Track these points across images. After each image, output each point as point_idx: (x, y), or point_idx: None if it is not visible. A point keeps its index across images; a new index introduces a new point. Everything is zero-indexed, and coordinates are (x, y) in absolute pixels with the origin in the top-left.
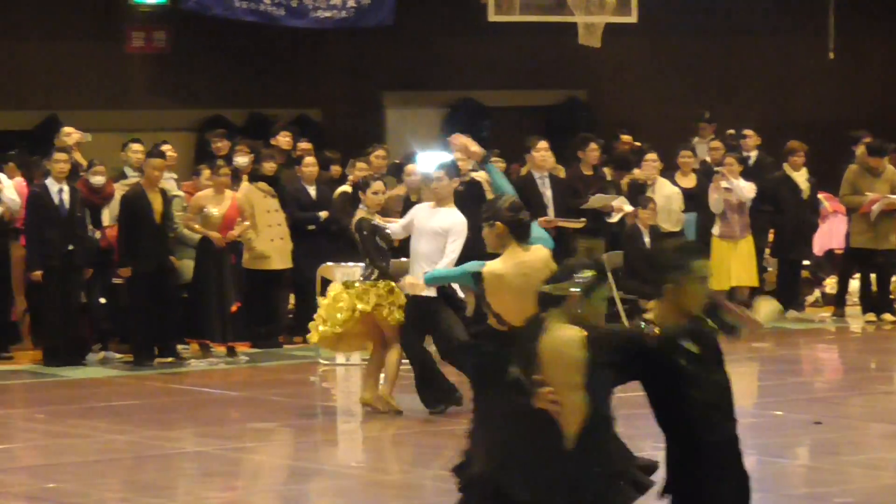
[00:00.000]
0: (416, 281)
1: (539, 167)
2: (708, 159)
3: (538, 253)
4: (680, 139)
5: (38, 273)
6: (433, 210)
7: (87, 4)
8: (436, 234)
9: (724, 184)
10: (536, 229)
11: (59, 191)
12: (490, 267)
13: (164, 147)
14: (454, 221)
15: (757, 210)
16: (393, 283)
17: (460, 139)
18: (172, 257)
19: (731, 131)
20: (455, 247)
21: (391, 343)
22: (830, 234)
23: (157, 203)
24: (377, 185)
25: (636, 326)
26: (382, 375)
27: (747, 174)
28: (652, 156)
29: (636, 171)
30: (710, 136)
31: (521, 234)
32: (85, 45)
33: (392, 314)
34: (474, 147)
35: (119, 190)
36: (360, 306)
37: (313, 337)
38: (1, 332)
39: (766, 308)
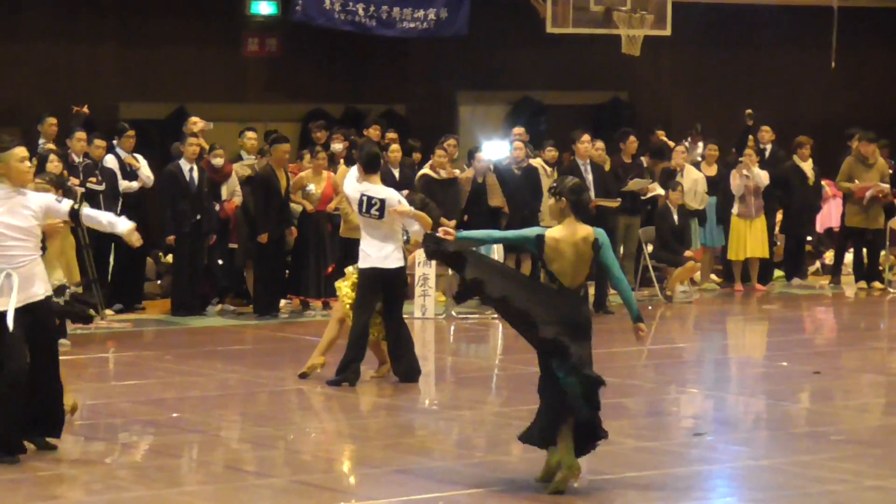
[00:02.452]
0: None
1: (582, 156)
2: (699, 159)
3: (588, 230)
4: (705, 135)
5: (172, 238)
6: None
7: (211, 15)
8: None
9: (744, 171)
10: None
11: (189, 169)
12: (551, 233)
13: (273, 136)
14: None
15: (769, 194)
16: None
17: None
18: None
19: (749, 111)
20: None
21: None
22: (830, 215)
23: (283, 180)
24: None
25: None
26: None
27: (763, 164)
28: (681, 147)
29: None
30: (699, 141)
31: (579, 210)
32: (209, 49)
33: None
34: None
35: (237, 170)
36: None
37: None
38: (136, 287)
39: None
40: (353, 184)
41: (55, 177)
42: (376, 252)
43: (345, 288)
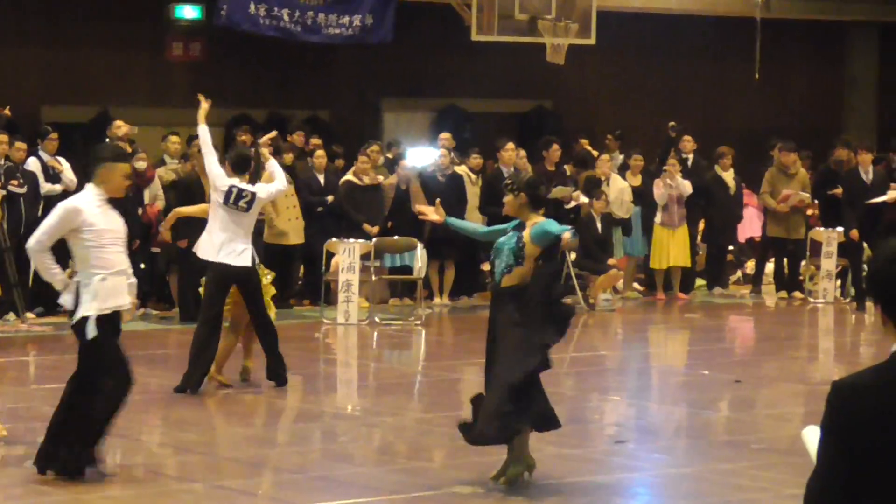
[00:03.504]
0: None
1: (507, 163)
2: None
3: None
4: (630, 144)
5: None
6: None
7: (136, 18)
8: None
9: (668, 181)
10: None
11: None
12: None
13: (196, 141)
14: None
15: (692, 203)
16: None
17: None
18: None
19: (673, 123)
20: None
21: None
22: (751, 225)
23: (206, 186)
24: None
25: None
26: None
27: (685, 173)
28: (605, 157)
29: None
30: (616, 149)
31: (538, 204)
32: (134, 53)
33: None
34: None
35: (160, 175)
36: None
37: None
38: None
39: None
40: (222, 175)
41: None
42: (229, 247)
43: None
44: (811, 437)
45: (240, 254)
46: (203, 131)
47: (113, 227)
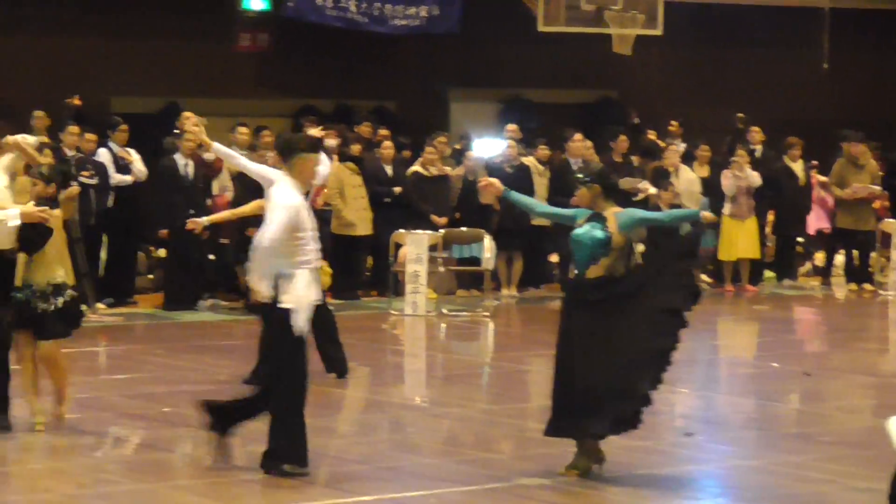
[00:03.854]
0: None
1: (574, 154)
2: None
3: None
4: (697, 135)
5: (165, 231)
6: None
7: (203, 10)
8: None
9: (737, 172)
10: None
11: (184, 164)
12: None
13: (263, 132)
14: None
15: (761, 194)
16: None
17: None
18: None
19: (741, 115)
20: None
21: None
22: (820, 216)
23: None
24: None
25: None
26: None
27: (753, 165)
28: (673, 147)
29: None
30: (679, 135)
31: (612, 193)
32: (202, 44)
33: None
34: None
35: (227, 165)
36: None
37: None
38: (127, 281)
39: None
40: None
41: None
42: None
43: None
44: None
45: None
46: (216, 147)
47: (312, 221)
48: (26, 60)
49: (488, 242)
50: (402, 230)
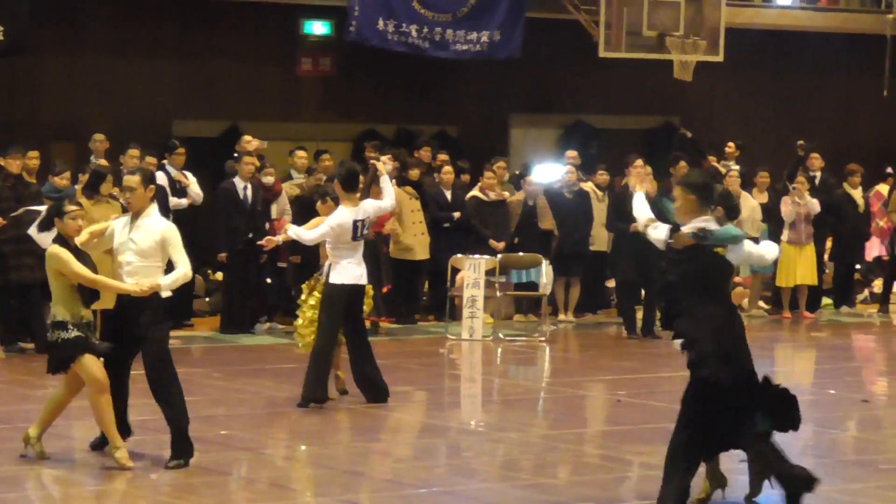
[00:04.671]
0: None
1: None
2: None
3: None
4: (757, 161)
5: (224, 255)
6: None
7: (267, 33)
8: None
9: (797, 198)
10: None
11: (244, 188)
12: None
13: (323, 156)
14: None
15: (821, 221)
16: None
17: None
18: None
19: (801, 142)
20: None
21: None
22: (878, 244)
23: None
24: None
25: None
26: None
27: (813, 191)
28: (734, 173)
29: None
30: (735, 157)
31: (733, 214)
32: (264, 68)
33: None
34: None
35: (286, 190)
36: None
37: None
38: (185, 303)
39: None
40: (342, 214)
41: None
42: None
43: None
44: None
45: (360, 276)
46: (293, 231)
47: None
48: (91, 81)
49: (546, 267)
50: (460, 255)
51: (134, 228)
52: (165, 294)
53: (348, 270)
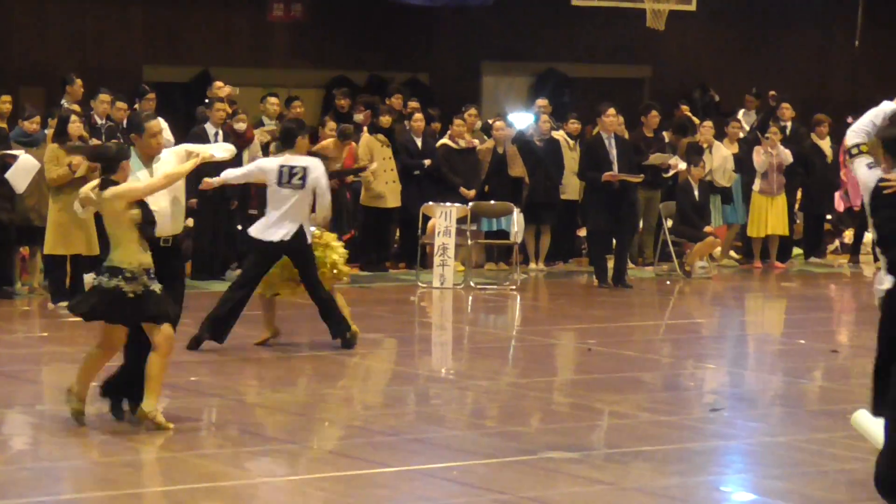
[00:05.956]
0: None
1: (607, 129)
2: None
3: None
4: (728, 111)
5: (194, 201)
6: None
7: None
8: None
9: (769, 148)
10: None
11: (215, 134)
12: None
13: (294, 102)
14: None
15: (791, 172)
16: None
17: None
18: None
19: (773, 92)
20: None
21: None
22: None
23: None
24: None
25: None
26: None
27: (784, 142)
28: (708, 123)
29: (698, 136)
30: (755, 107)
31: None
32: (235, 13)
33: None
34: None
35: (257, 136)
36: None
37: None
38: None
39: None
40: (270, 158)
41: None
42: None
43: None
44: (864, 420)
45: (279, 234)
46: (224, 173)
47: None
48: (58, 26)
49: (517, 216)
50: (430, 203)
51: (154, 173)
52: (220, 156)
53: (268, 226)
